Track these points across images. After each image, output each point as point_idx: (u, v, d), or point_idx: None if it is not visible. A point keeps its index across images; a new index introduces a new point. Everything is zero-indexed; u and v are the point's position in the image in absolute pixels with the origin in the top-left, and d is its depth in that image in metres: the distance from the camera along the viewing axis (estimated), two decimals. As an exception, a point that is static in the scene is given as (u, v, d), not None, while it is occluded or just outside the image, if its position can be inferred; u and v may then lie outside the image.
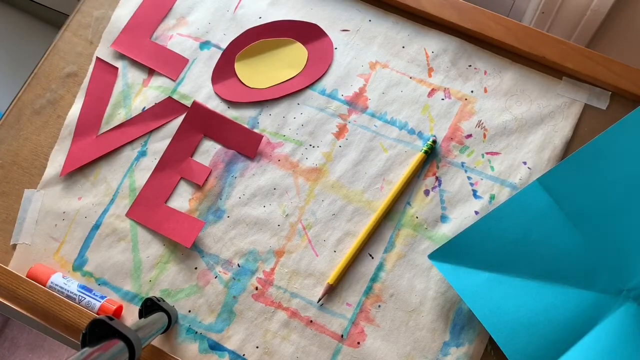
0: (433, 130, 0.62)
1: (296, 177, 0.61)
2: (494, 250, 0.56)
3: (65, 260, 0.60)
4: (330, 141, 0.62)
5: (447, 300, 0.57)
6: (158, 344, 0.57)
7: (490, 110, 0.62)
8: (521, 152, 0.61)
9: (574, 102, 0.62)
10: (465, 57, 0.64)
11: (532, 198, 0.56)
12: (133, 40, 0.67)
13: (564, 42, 0.63)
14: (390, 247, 0.59)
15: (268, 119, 0.64)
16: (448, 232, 0.59)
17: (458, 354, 0.55)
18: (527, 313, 0.54)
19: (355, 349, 0.56)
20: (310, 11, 0.67)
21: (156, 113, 0.64)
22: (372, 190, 0.61)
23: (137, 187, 0.62)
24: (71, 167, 0.63)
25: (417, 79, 0.64)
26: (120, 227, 0.61)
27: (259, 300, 0.58)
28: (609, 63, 0.62)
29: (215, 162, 0.62)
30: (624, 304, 0.54)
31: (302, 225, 0.60)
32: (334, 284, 0.58)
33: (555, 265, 0.55)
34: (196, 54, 0.66)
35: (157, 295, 0.58)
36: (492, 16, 0.64)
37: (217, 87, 0.65)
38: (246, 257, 0.59)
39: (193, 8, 0.68)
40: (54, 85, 0.66)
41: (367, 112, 0.63)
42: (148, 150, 0.63)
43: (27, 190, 0.62)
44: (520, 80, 0.63)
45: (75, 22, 0.68)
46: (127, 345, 0.44)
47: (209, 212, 0.61)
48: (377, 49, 0.65)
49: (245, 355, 0.56)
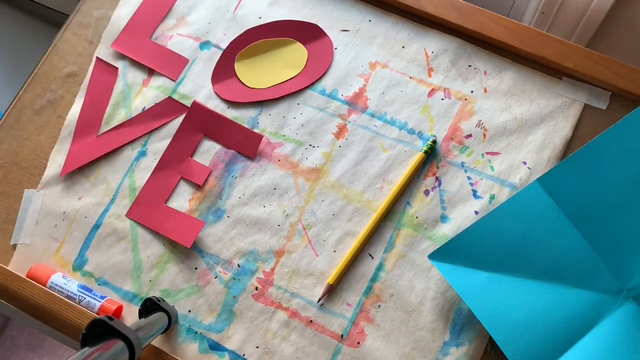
0: (433, 130, 0.62)
1: (296, 177, 0.61)
2: (494, 250, 0.56)
3: (65, 260, 0.60)
4: (330, 141, 0.62)
5: (447, 300, 0.57)
6: (158, 344, 0.57)
7: (490, 110, 0.62)
8: (521, 152, 0.61)
9: (574, 102, 0.62)
10: (465, 57, 0.64)
11: (532, 198, 0.56)
12: (133, 40, 0.67)
13: (564, 42, 0.63)
14: (390, 247, 0.59)
15: (268, 119, 0.64)
16: (448, 232, 0.59)
17: (458, 354, 0.55)
18: (527, 313, 0.54)
19: (355, 349, 0.56)
20: (310, 11, 0.67)
21: (156, 113, 0.64)
22: (372, 190, 0.61)
23: (137, 187, 0.62)
24: (71, 167, 0.63)
25: (417, 79, 0.64)
26: (120, 227, 0.61)
27: (259, 300, 0.58)
28: (609, 63, 0.62)
29: (215, 162, 0.62)
30: (624, 304, 0.54)
31: (302, 225, 0.60)
32: (334, 284, 0.58)
33: (555, 265, 0.55)
34: (196, 54, 0.66)
35: (157, 295, 0.58)
36: (492, 16, 0.64)
37: (217, 87, 0.65)
38: (246, 257, 0.59)
39: (193, 8, 0.68)
40: (54, 85, 0.66)
41: (367, 112, 0.63)
42: (148, 150, 0.63)
43: (27, 190, 0.62)
44: (520, 80, 0.63)
45: (75, 22, 0.68)
46: (127, 345, 0.44)
47: (209, 212, 0.61)
48: (377, 49, 0.65)
49: (245, 355, 0.56)
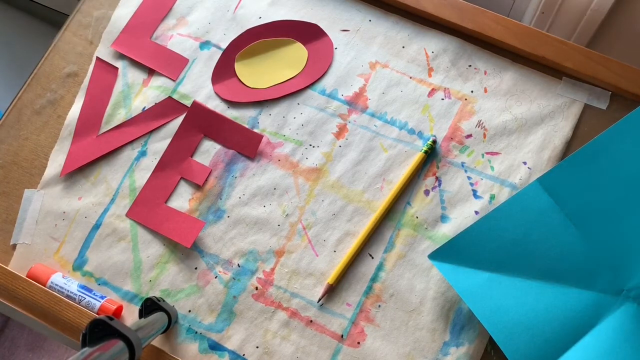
0: (433, 130, 0.62)
1: (296, 177, 0.61)
2: (494, 250, 0.56)
3: (65, 260, 0.60)
4: (330, 141, 0.62)
5: (447, 300, 0.57)
6: (158, 344, 0.57)
7: (490, 110, 0.62)
8: (521, 152, 0.61)
9: (574, 102, 0.62)
10: (465, 57, 0.64)
11: (532, 198, 0.56)
12: (133, 40, 0.67)
13: (564, 42, 0.63)
14: (390, 247, 0.59)
15: (268, 119, 0.64)
16: (448, 232, 0.59)
17: (458, 354, 0.55)
18: (527, 313, 0.54)
19: (355, 349, 0.56)
20: (310, 11, 0.67)
21: (156, 113, 0.64)
22: (372, 190, 0.61)
23: (137, 187, 0.62)
24: (71, 167, 0.63)
25: (417, 79, 0.64)
26: (120, 227, 0.61)
27: (259, 300, 0.58)
28: (609, 63, 0.62)
29: (215, 162, 0.62)
30: (624, 304, 0.54)
31: (302, 225, 0.60)
32: (334, 283, 0.58)
33: (555, 265, 0.55)
34: (196, 54, 0.66)
35: (157, 295, 0.58)
36: (492, 16, 0.64)
37: (217, 87, 0.65)
38: (246, 257, 0.59)
39: (193, 8, 0.68)
40: (54, 85, 0.66)
41: (367, 112, 0.63)
42: (148, 150, 0.63)
43: (27, 190, 0.62)
44: (520, 80, 0.63)
45: (75, 22, 0.68)
46: (127, 345, 0.44)
47: (209, 212, 0.61)
48: (377, 49, 0.65)
49: (245, 355, 0.56)
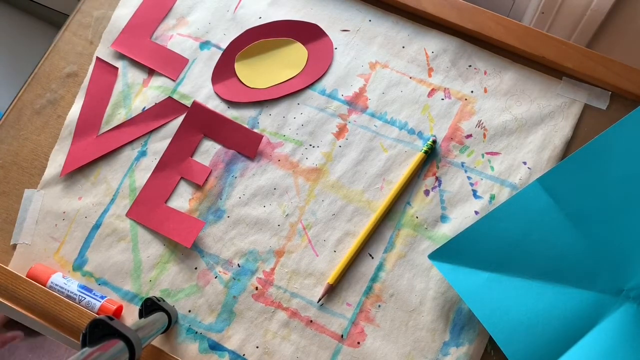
0: (433, 130, 0.62)
1: (296, 177, 0.61)
2: (494, 250, 0.56)
3: (65, 260, 0.60)
4: (330, 141, 0.62)
5: (447, 300, 0.57)
6: (158, 344, 0.57)
7: (490, 110, 0.62)
8: (521, 152, 0.61)
9: (574, 102, 0.62)
10: (465, 57, 0.64)
11: (532, 198, 0.56)
12: (133, 40, 0.67)
13: (564, 42, 0.63)
14: (390, 247, 0.59)
15: (268, 119, 0.64)
16: (448, 232, 0.59)
17: (458, 354, 0.55)
18: (527, 313, 0.54)
19: (355, 348, 0.56)
20: (310, 11, 0.67)
21: (156, 113, 0.64)
22: (372, 190, 0.61)
23: (137, 187, 0.62)
24: (71, 167, 0.63)
25: (417, 79, 0.64)
26: (121, 227, 0.61)
27: (259, 300, 0.58)
28: (609, 63, 0.62)
29: (215, 162, 0.62)
30: (624, 304, 0.54)
31: (302, 225, 0.60)
32: (334, 283, 0.58)
33: (555, 265, 0.55)
34: (196, 54, 0.66)
35: (157, 295, 0.58)
36: (492, 16, 0.64)
37: (217, 87, 0.65)
38: (246, 257, 0.59)
39: (193, 8, 0.68)
40: (54, 85, 0.66)
41: (367, 112, 0.63)
42: (148, 150, 0.63)
43: (27, 190, 0.62)
44: (520, 80, 0.63)
45: (75, 22, 0.68)
46: (127, 345, 0.44)
47: (209, 212, 0.61)
48: (377, 49, 0.65)
49: (245, 355, 0.56)
